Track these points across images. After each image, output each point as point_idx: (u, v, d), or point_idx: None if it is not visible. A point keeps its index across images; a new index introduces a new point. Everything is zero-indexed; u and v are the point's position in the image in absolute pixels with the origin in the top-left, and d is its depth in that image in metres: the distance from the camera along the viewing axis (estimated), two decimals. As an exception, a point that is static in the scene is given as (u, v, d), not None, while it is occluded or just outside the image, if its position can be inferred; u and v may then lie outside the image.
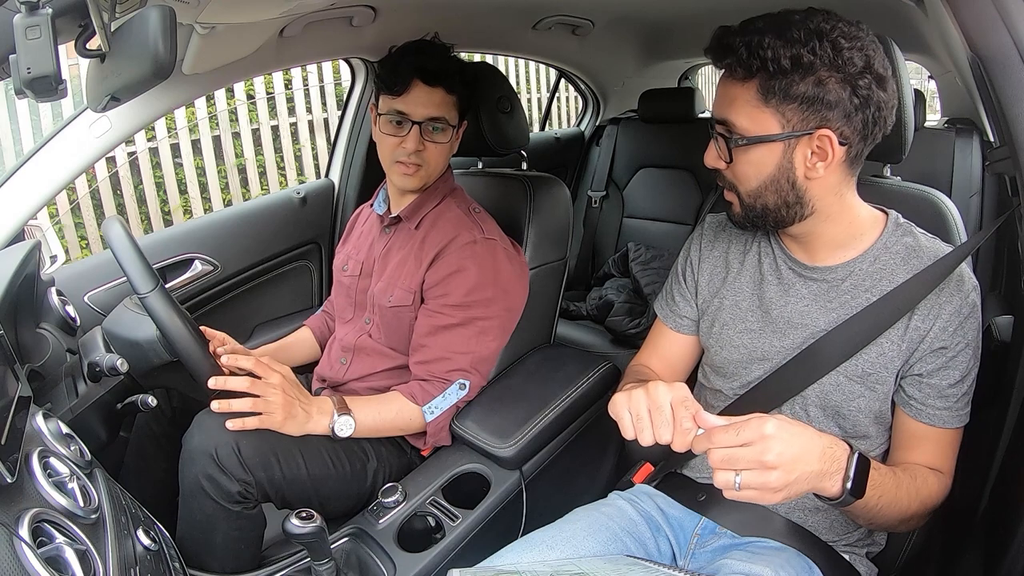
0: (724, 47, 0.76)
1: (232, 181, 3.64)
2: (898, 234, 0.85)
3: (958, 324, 0.80)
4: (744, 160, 0.79)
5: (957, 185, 1.73)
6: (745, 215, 0.85)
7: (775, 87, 0.73)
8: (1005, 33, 0.73)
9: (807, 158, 0.77)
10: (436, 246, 1.15)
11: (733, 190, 0.84)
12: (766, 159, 0.78)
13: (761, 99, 0.75)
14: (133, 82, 0.69)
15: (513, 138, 1.40)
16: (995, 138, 1.27)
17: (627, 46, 2.34)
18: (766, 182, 0.79)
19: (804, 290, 0.88)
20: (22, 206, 1.15)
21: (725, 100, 0.78)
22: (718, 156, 0.82)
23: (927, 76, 2.45)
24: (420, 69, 1.11)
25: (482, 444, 1.14)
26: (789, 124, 0.75)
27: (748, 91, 0.75)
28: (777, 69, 0.72)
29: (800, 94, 0.73)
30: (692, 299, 1.00)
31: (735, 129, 0.78)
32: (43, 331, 1.03)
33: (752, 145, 0.77)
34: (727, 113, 0.78)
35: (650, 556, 0.89)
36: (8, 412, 0.64)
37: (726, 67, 0.77)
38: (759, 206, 0.82)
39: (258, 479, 1.00)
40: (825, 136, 0.75)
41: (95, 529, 0.65)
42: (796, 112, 0.74)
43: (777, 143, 0.76)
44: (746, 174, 0.80)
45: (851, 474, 0.68)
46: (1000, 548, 0.73)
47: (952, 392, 0.81)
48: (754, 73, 0.74)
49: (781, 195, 0.80)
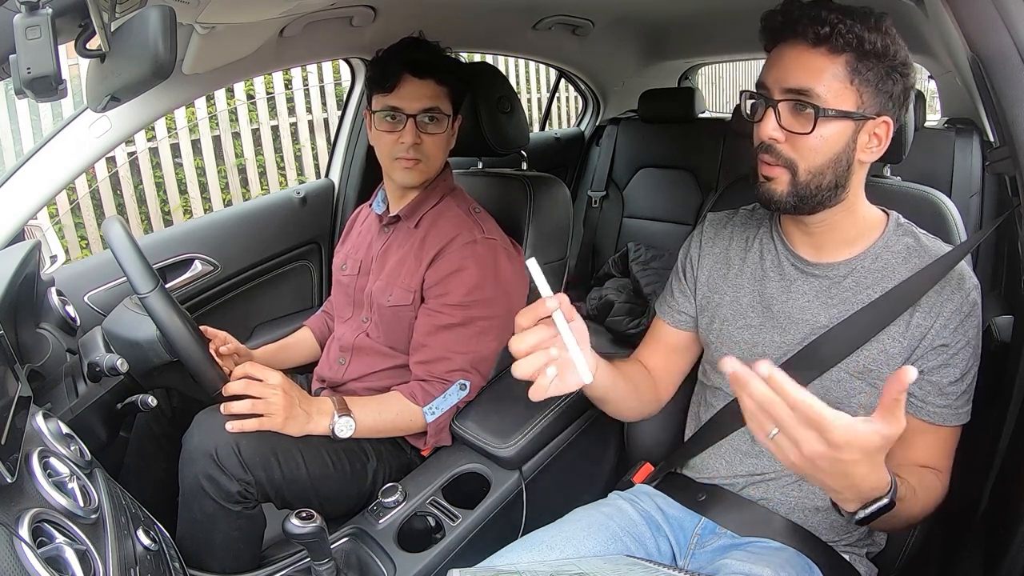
0: (816, 18, 0.75)
1: (232, 181, 3.64)
2: (899, 234, 0.86)
3: (959, 322, 0.80)
4: (820, 133, 0.78)
5: (957, 185, 1.74)
6: (792, 193, 0.81)
7: (861, 68, 0.76)
8: (1005, 33, 0.73)
9: (867, 142, 0.80)
10: (436, 245, 1.15)
11: (789, 166, 0.80)
12: (839, 135, 0.78)
13: (848, 76, 0.76)
14: (133, 82, 0.69)
15: (513, 138, 1.40)
16: (995, 138, 1.27)
17: (627, 46, 2.34)
18: (832, 158, 0.79)
19: (806, 286, 0.88)
20: (22, 206, 1.15)
21: (806, 69, 0.76)
22: (780, 127, 0.79)
23: (927, 76, 2.45)
24: (409, 62, 1.12)
25: (482, 444, 1.14)
26: (863, 105, 0.77)
27: (837, 66, 0.76)
28: (870, 50, 0.75)
29: (876, 80, 0.76)
30: (691, 295, 1.00)
31: (819, 101, 0.76)
32: (43, 331, 1.03)
33: (835, 119, 0.77)
34: (811, 82, 0.76)
35: (650, 556, 0.89)
36: (8, 412, 0.64)
37: (818, 37, 0.75)
38: (814, 185, 0.80)
39: (258, 479, 1.00)
40: (885, 123, 0.79)
41: (95, 529, 0.65)
42: (870, 96, 0.77)
43: (852, 121, 0.78)
44: (816, 148, 0.78)
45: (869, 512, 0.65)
46: (1000, 548, 0.73)
47: (952, 390, 0.81)
48: (847, 49, 0.75)
49: (838, 174, 0.80)
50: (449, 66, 1.17)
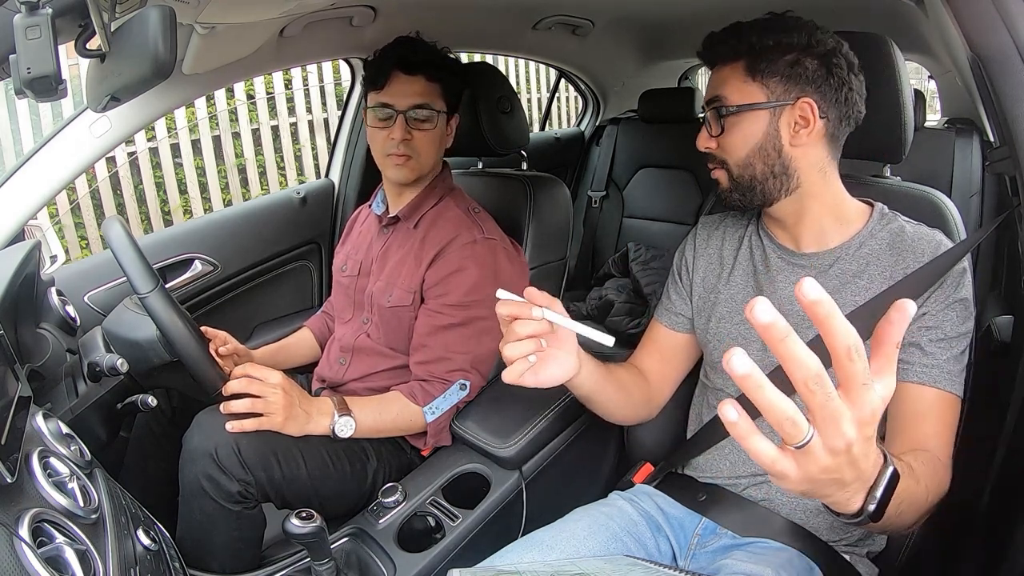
0: (715, 42, 0.87)
1: (232, 181, 3.64)
2: (883, 223, 0.87)
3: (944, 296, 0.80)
4: (734, 130, 0.86)
5: (957, 185, 1.73)
6: (734, 188, 0.89)
7: (759, 64, 0.83)
8: (1005, 33, 0.73)
9: (791, 126, 0.84)
10: (436, 246, 1.15)
11: (723, 166, 0.89)
12: (754, 126, 0.85)
13: (748, 75, 0.84)
14: (133, 82, 0.69)
15: (513, 138, 1.40)
16: (995, 138, 1.27)
17: (627, 46, 2.34)
18: (754, 149, 0.86)
19: (792, 276, 0.89)
20: (22, 206, 1.16)
21: (715, 82, 0.88)
22: (709, 135, 0.89)
23: (927, 76, 2.45)
24: (399, 60, 1.14)
25: (482, 444, 1.14)
26: (773, 95, 0.83)
27: (736, 70, 0.85)
28: (761, 48, 0.83)
29: (781, 69, 0.83)
30: (687, 297, 1.01)
31: (725, 102, 0.86)
32: (43, 331, 1.03)
33: (742, 113, 0.85)
34: (718, 90, 0.87)
35: (650, 556, 0.89)
36: (8, 412, 0.64)
37: (717, 56, 0.87)
38: (747, 176, 0.87)
39: (258, 479, 1.00)
40: (806, 103, 0.83)
41: (95, 529, 0.65)
42: (779, 84, 0.83)
43: (763, 111, 0.84)
44: (734, 144, 0.87)
45: (878, 494, 0.53)
46: (1000, 548, 0.73)
47: (935, 350, 0.79)
48: (741, 54, 0.84)
49: (768, 163, 0.86)
50: (440, 63, 1.18)
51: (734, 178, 0.88)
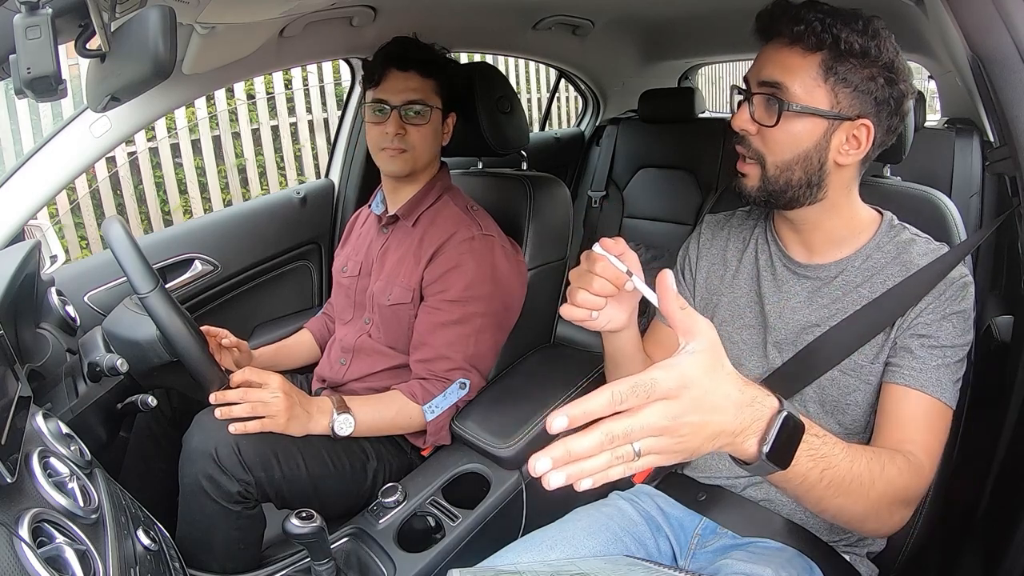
0: (795, 17, 0.76)
1: (232, 181, 3.63)
2: (891, 234, 0.86)
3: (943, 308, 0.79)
4: (787, 128, 0.79)
5: (957, 185, 1.73)
6: (762, 188, 0.83)
7: (837, 68, 0.75)
8: (1005, 33, 0.73)
9: (842, 143, 0.79)
10: (435, 243, 1.16)
11: (758, 160, 0.82)
12: (807, 133, 0.78)
13: (821, 75, 0.76)
14: (133, 82, 0.69)
15: (513, 138, 1.40)
16: (995, 138, 1.27)
17: (627, 46, 2.34)
18: (800, 155, 0.79)
19: (797, 287, 0.89)
20: (22, 206, 1.16)
21: (781, 65, 0.78)
22: (752, 119, 0.81)
23: (927, 76, 2.44)
24: (394, 57, 1.17)
25: (482, 444, 1.14)
26: (839, 105, 0.77)
27: (810, 63, 0.76)
28: (847, 51, 0.74)
29: (856, 81, 0.76)
30: (691, 296, 1.01)
31: (788, 96, 0.77)
32: (43, 331, 1.03)
33: (802, 115, 0.77)
34: (783, 77, 0.77)
35: (650, 556, 0.88)
36: (8, 412, 0.64)
37: (793, 35, 0.76)
38: (782, 180, 0.81)
39: (258, 479, 1.00)
40: (864, 126, 0.78)
41: (95, 529, 0.65)
42: (848, 97, 0.77)
43: (824, 120, 0.78)
44: (783, 143, 0.80)
45: (770, 436, 0.55)
46: (1000, 548, 0.73)
47: (925, 355, 0.79)
48: (821, 48, 0.75)
49: (808, 173, 0.80)
50: (433, 60, 1.20)
51: (767, 177, 0.82)
